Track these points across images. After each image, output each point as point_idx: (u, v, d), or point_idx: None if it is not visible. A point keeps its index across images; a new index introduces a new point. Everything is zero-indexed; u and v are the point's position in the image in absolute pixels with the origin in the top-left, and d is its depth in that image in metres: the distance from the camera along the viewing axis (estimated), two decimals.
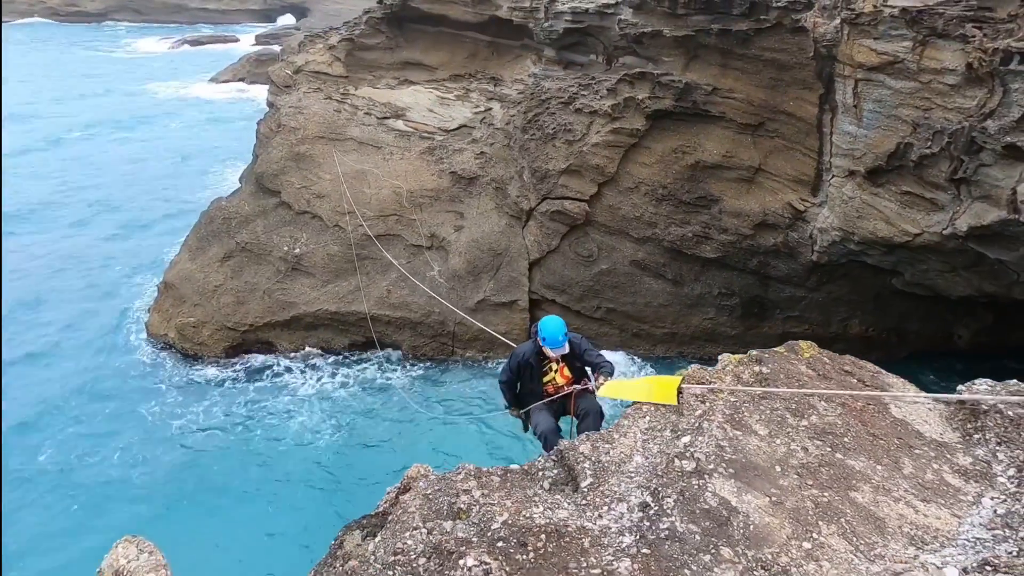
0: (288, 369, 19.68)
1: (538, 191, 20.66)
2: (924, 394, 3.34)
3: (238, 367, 19.66)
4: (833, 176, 17.10)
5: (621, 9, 20.06)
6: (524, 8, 24.06)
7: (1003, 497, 2.54)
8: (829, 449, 2.88)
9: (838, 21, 15.33)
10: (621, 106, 19.58)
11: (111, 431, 17.01)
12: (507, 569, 2.45)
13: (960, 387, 3.39)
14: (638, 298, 20.21)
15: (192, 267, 21.60)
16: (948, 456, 2.87)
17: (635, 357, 20.01)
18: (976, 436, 2.95)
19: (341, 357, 20.17)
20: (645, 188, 19.66)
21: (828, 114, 16.88)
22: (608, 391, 3.45)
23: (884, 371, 3.68)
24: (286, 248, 21.24)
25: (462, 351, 20.20)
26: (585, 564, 2.48)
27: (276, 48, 54.48)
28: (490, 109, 24.17)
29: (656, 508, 2.67)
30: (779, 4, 16.50)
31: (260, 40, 69.94)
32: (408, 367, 19.80)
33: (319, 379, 19.19)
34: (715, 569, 2.39)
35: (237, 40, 79.55)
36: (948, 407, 3.24)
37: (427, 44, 28.02)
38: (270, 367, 19.65)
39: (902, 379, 3.59)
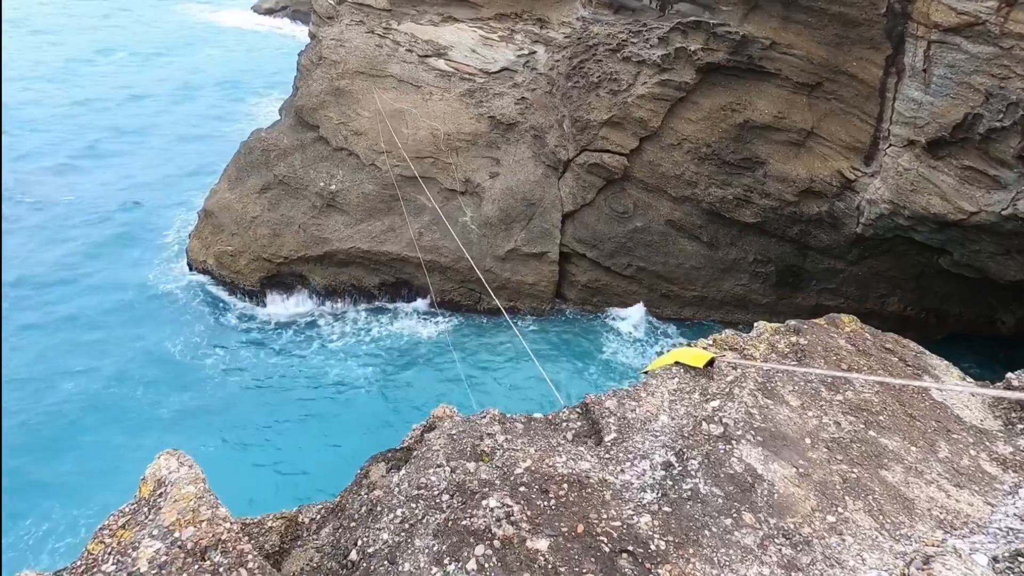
0: (320, 307, 20.15)
1: (577, 142, 20.15)
2: (967, 384, 3.25)
3: (272, 304, 20.17)
4: (890, 145, 16.21)
5: None
6: None
7: None
8: (863, 426, 2.85)
9: None
10: (671, 57, 18.67)
11: (142, 359, 17.69)
12: (528, 513, 2.54)
13: (1009, 375, 3.28)
14: (670, 258, 19.90)
15: (231, 197, 21.97)
16: (987, 444, 2.81)
17: (655, 320, 19.91)
18: (1020, 426, 2.88)
19: (369, 299, 20.55)
20: (688, 145, 18.99)
21: (893, 78, 15.82)
22: (650, 368, 3.46)
23: (927, 351, 3.58)
24: (322, 184, 21.37)
25: (489, 299, 20.37)
26: (605, 516, 2.56)
27: None
28: (534, 52, 23.31)
29: (680, 468, 2.72)
30: None
31: None
32: (436, 313, 20.12)
33: (350, 321, 19.62)
34: (736, 533, 2.44)
35: None
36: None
37: None
38: (303, 306, 20.08)
39: (945, 361, 3.49)
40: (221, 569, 2.16)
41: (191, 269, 21.55)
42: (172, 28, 50.04)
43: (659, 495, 2.62)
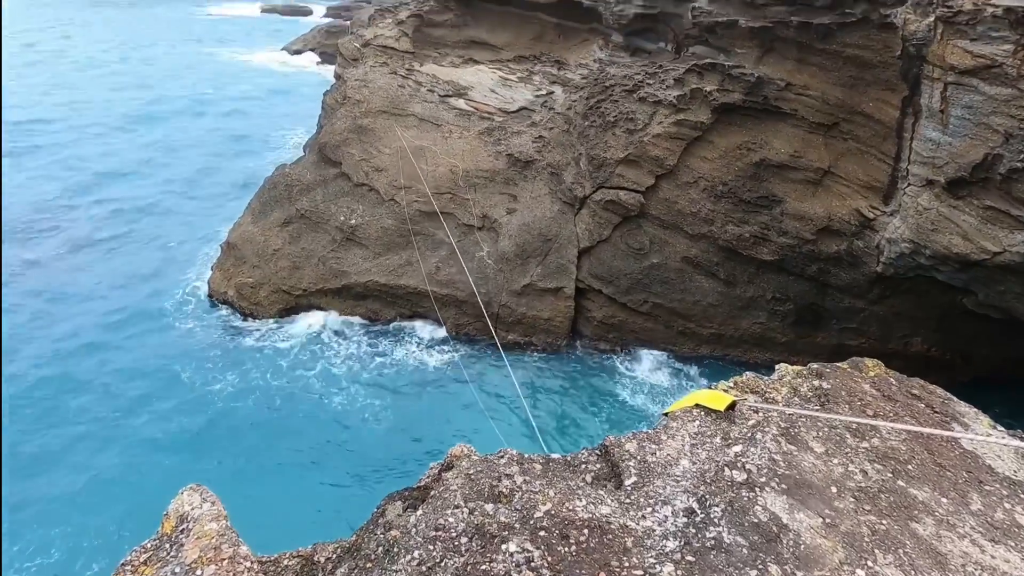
0: (335, 336, 20.25)
1: (594, 179, 20.40)
2: (998, 433, 3.16)
3: (288, 333, 20.35)
4: (909, 185, 16.16)
5: None
6: None
7: None
8: (890, 475, 2.78)
9: (932, 19, 14.34)
10: (687, 97, 19.01)
11: (157, 387, 17.81)
12: (549, 559, 2.50)
13: None
14: (687, 295, 19.79)
15: (254, 230, 22.50)
16: (1022, 496, 2.72)
17: (675, 362, 19.61)
18: None
19: (387, 329, 20.63)
20: (704, 183, 19.11)
21: (910, 118, 15.90)
22: (672, 408, 3.44)
23: (955, 398, 3.50)
24: (343, 218, 21.82)
25: (504, 333, 20.36)
26: (627, 564, 2.51)
27: (346, 21, 55.37)
28: (552, 92, 23.92)
29: (703, 516, 2.66)
30: None
31: (331, 12, 71.23)
32: (450, 345, 20.12)
33: (363, 351, 19.64)
34: None
35: (310, 13, 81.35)
36: None
37: (494, 23, 27.88)
38: (318, 335, 20.23)
39: (975, 408, 3.41)
40: None
41: (212, 299, 21.93)
42: (207, 69, 52.32)
43: (682, 543, 2.57)
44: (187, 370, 18.43)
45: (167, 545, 2.45)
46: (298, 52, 58.26)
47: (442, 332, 20.28)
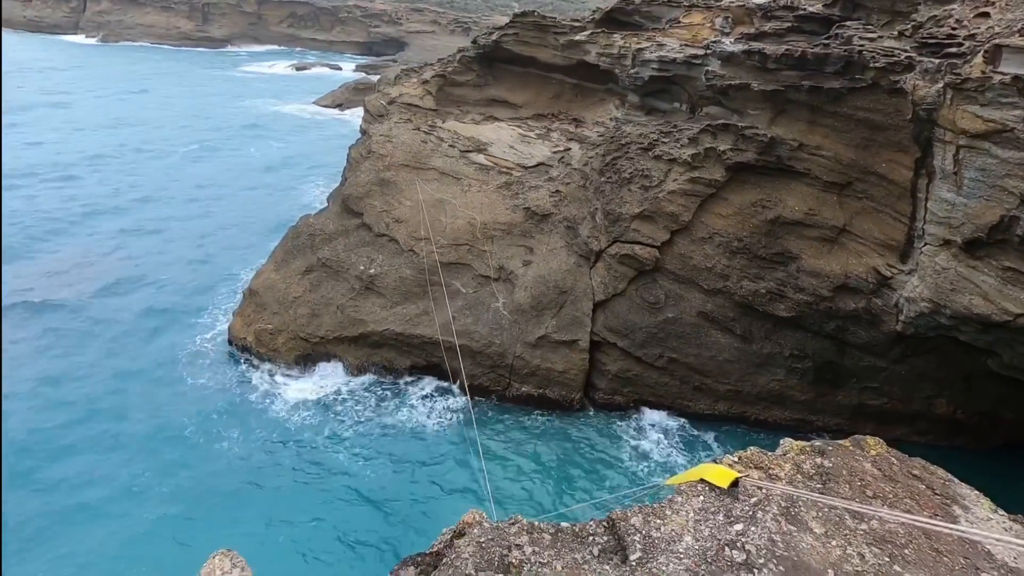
0: (346, 394, 20.14)
1: (609, 233, 20.74)
2: (997, 517, 3.15)
3: (299, 389, 20.28)
4: (926, 244, 16.15)
5: (709, 60, 20.14)
6: (612, 55, 24.61)
7: None
8: (887, 559, 2.79)
9: (941, 85, 14.70)
10: (701, 156, 19.48)
11: (162, 441, 17.71)
12: None
13: None
14: (703, 351, 19.65)
15: (276, 277, 23.12)
16: None
17: (689, 427, 19.18)
18: None
19: (398, 387, 20.55)
20: (720, 239, 19.31)
21: (924, 179, 16.06)
22: (674, 480, 3.51)
23: (956, 479, 3.50)
24: (362, 267, 22.35)
25: (518, 385, 20.32)
26: None
27: (374, 78, 58.13)
28: (569, 149, 24.67)
29: None
30: (877, 64, 16.05)
31: (360, 69, 74.91)
32: (462, 402, 20.05)
33: (373, 411, 19.42)
34: None
35: (340, 68, 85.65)
36: None
37: (514, 83, 29.12)
38: (329, 394, 20.11)
39: (976, 491, 3.40)
40: None
41: (231, 345, 22.33)
42: (247, 122, 55.04)
43: None
44: (193, 425, 18.33)
45: None
46: (327, 107, 61.12)
47: (454, 388, 20.26)
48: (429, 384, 20.68)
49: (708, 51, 20.13)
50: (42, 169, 39.10)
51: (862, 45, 16.34)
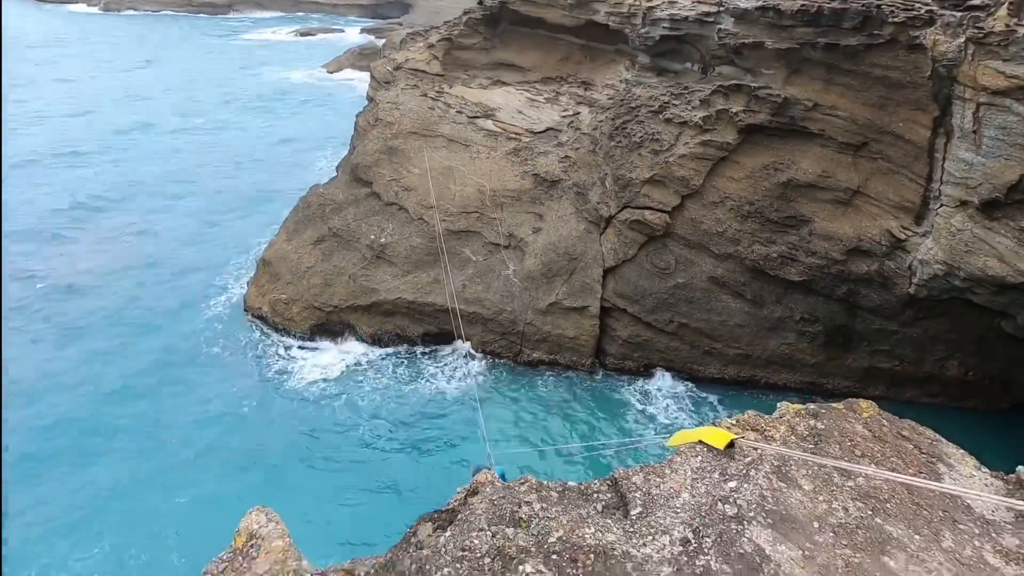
0: (363, 363, 20.55)
1: (619, 199, 20.62)
2: (978, 472, 3.29)
3: (319, 353, 20.79)
4: (942, 205, 15.92)
5: (722, 18, 19.56)
6: (621, 13, 23.96)
7: None
8: (870, 512, 2.95)
9: (962, 40, 14.23)
10: (713, 118, 19.14)
11: (183, 403, 18.33)
12: None
13: (1020, 468, 3.30)
14: (713, 315, 19.74)
15: (288, 247, 23.39)
16: (994, 535, 2.85)
17: (697, 390, 19.41)
18: None
19: (413, 353, 20.94)
20: (731, 203, 19.14)
21: (942, 138, 15.72)
22: (674, 440, 3.71)
23: (944, 439, 3.64)
24: (373, 237, 22.51)
25: (529, 351, 20.63)
26: None
27: (379, 42, 57.11)
28: (578, 113, 24.31)
29: (695, 545, 2.89)
30: (896, 19, 15.53)
31: (365, 33, 73.50)
32: (477, 365, 20.41)
33: (389, 378, 19.80)
34: None
35: (343, 31, 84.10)
36: (1007, 486, 3.18)
37: (522, 45, 28.52)
38: (346, 362, 20.53)
39: (961, 450, 3.53)
40: None
41: (247, 315, 22.80)
42: (252, 90, 54.61)
43: (675, 570, 2.80)
44: (215, 393, 18.88)
45: (240, 558, 2.84)
46: (333, 73, 60.36)
47: (467, 353, 20.63)
48: (444, 351, 21.06)
49: (721, 8, 19.53)
50: (49, 146, 39.36)
51: None
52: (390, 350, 21.13)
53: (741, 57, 19.07)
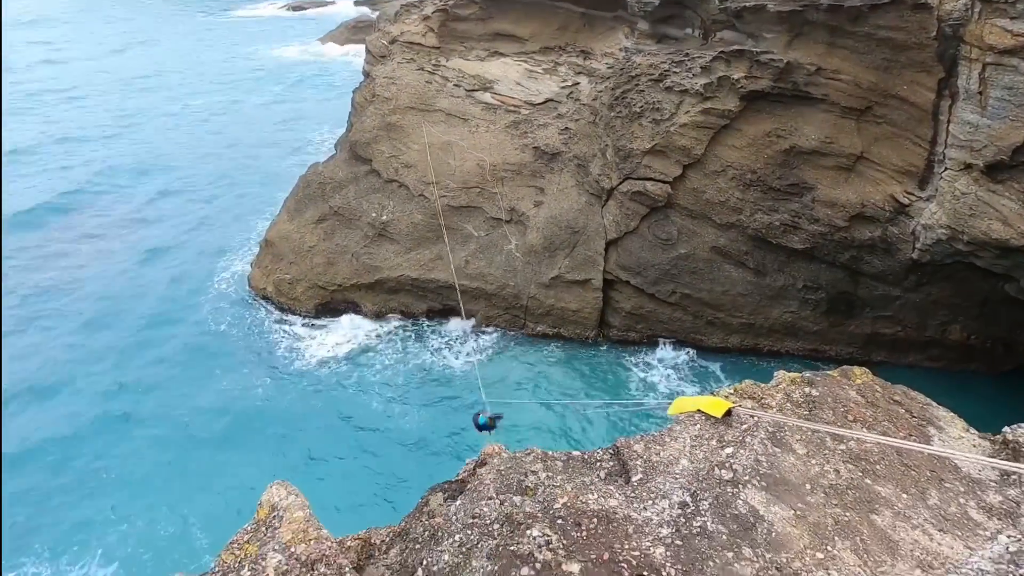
0: (372, 337, 20.78)
1: (620, 170, 20.51)
2: (965, 435, 3.41)
3: (327, 330, 21.02)
4: (946, 169, 15.81)
5: None
6: None
7: (1020, 536, 2.65)
8: (860, 474, 3.09)
9: None
10: (714, 85, 18.87)
11: (196, 385, 18.69)
12: (564, 542, 2.95)
13: (1006, 429, 3.41)
14: (716, 285, 19.81)
15: (290, 227, 23.44)
16: (978, 492, 2.98)
17: (699, 359, 19.60)
18: (1013, 476, 3.02)
19: (420, 329, 21.15)
20: (733, 172, 19.02)
21: (946, 101, 15.52)
22: (674, 408, 3.85)
23: (934, 403, 3.77)
24: (374, 214, 22.52)
25: (533, 324, 20.81)
26: (627, 546, 2.92)
27: (374, 14, 56.01)
28: (578, 84, 23.99)
29: (693, 508, 3.05)
30: None
31: (360, 4, 71.99)
32: (481, 339, 20.62)
33: (397, 353, 20.07)
34: (735, 565, 2.75)
35: (335, 3, 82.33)
36: (994, 446, 3.31)
37: (519, 15, 27.97)
38: (355, 337, 20.77)
39: (951, 413, 3.66)
40: None
41: (252, 294, 23.00)
42: (239, 70, 53.83)
43: (673, 530, 2.96)
44: (225, 370, 19.26)
45: (263, 528, 3.06)
46: (327, 48, 59.37)
47: (472, 328, 20.82)
48: (451, 325, 21.25)
49: None
50: (46, 132, 39.11)
51: None
52: (397, 324, 21.35)
53: (742, 21, 18.71)
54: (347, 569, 2.82)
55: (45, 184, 32.09)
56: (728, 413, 3.57)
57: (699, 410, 3.67)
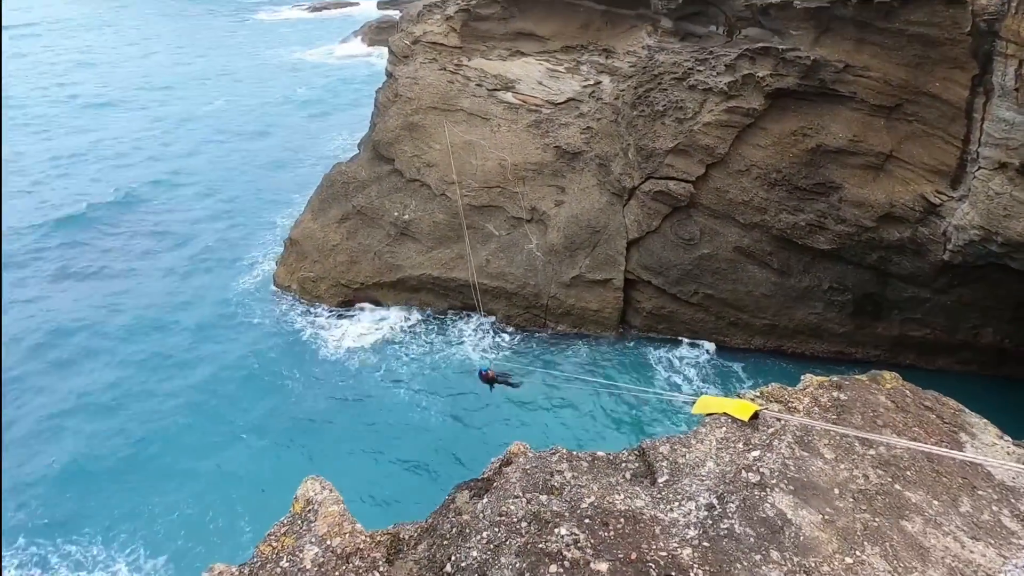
0: (398, 333, 21.02)
1: (642, 170, 20.39)
2: (1003, 442, 3.36)
3: (353, 326, 21.31)
4: (979, 168, 15.41)
5: None
6: None
7: None
8: (890, 479, 3.06)
9: None
10: (739, 83, 18.66)
11: (225, 376, 19.22)
12: (592, 541, 3.00)
13: None
14: (739, 286, 19.59)
15: (314, 226, 23.79)
16: (1012, 500, 2.93)
17: (722, 359, 19.41)
18: None
19: (444, 325, 21.34)
20: (757, 171, 18.78)
21: (981, 98, 15.14)
22: (698, 407, 3.83)
23: (967, 409, 3.71)
24: (396, 214, 22.74)
25: (554, 324, 20.82)
26: (654, 547, 2.95)
27: (396, 14, 56.43)
28: (600, 82, 23.88)
29: (720, 510, 3.06)
30: None
31: (382, 6, 72.56)
32: (502, 337, 20.70)
33: (421, 349, 20.28)
34: (763, 568, 2.76)
35: (358, 3, 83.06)
36: None
37: (541, 14, 27.91)
38: (381, 334, 21.01)
39: (984, 420, 3.60)
40: (361, 571, 2.85)
41: (276, 291, 23.41)
42: (262, 72, 54.72)
43: (700, 532, 2.98)
44: (259, 364, 19.79)
45: (299, 522, 3.19)
46: (350, 49, 60.00)
47: (493, 325, 20.90)
48: (476, 321, 21.35)
49: None
50: (86, 138, 40.24)
51: None
52: (421, 315, 21.57)
53: (768, 18, 18.46)
54: (380, 562, 2.91)
55: (78, 186, 33.06)
56: (755, 416, 3.57)
57: (725, 413, 3.67)
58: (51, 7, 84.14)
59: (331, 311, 22.08)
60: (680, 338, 20.29)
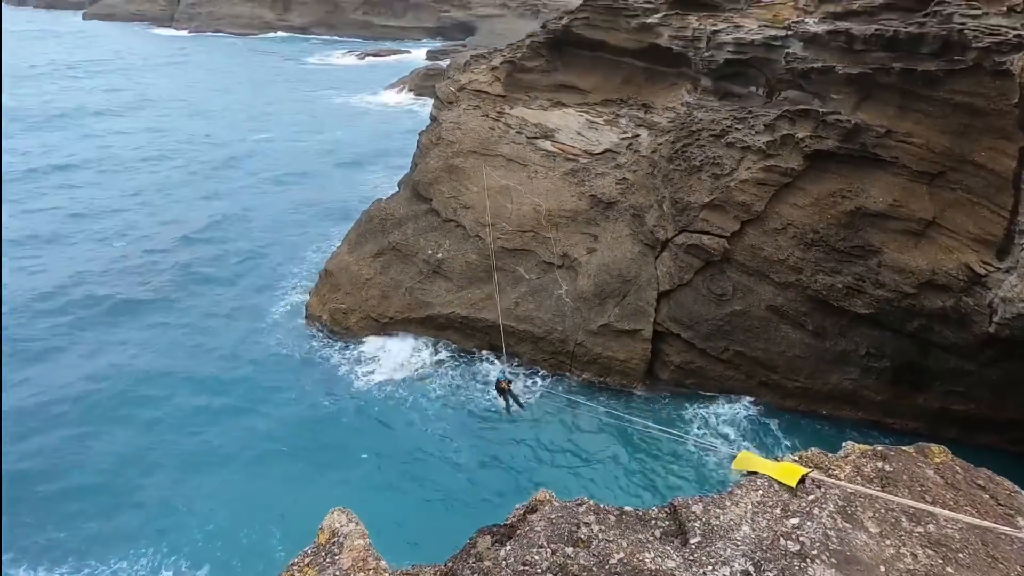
0: (429, 368, 21.01)
1: (676, 223, 20.42)
2: None
3: (381, 361, 21.46)
4: None
5: (790, 42, 19.24)
6: (685, 37, 23.91)
7: None
8: (940, 561, 2.86)
9: None
10: (777, 143, 18.75)
11: (255, 406, 19.41)
12: None
13: None
14: (771, 345, 19.12)
15: (349, 259, 24.36)
16: None
17: (757, 416, 18.82)
18: None
19: (471, 365, 21.27)
20: (794, 230, 18.60)
21: None
22: (739, 463, 3.68)
23: (1023, 491, 3.48)
24: (430, 252, 23.15)
25: (579, 371, 20.56)
26: None
27: (444, 63, 58.97)
28: (638, 136, 24.31)
29: None
30: (980, 44, 14.86)
31: (431, 55, 76.08)
32: (530, 381, 20.50)
33: (447, 387, 20.24)
34: None
35: (410, 52, 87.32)
36: None
37: (583, 68, 28.85)
38: (413, 369, 21.10)
39: None
40: None
41: (308, 321, 23.81)
42: (311, 113, 57.51)
43: None
44: (290, 393, 19.95)
45: (323, 554, 3.12)
46: (397, 96, 62.71)
47: (523, 368, 20.72)
48: (499, 364, 21.25)
49: (789, 32, 19.21)
50: (126, 164, 42.59)
51: (963, 23, 15.14)
52: (449, 352, 21.59)
53: (809, 81, 18.67)
54: None
55: (134, 218, 34.65)
56: (801, 481, 3.41)
57: (767, 474, 3.52)
58: (130, 46, 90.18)
59: (360, 342, 22.30)
60: (709, 396, 19.76)
